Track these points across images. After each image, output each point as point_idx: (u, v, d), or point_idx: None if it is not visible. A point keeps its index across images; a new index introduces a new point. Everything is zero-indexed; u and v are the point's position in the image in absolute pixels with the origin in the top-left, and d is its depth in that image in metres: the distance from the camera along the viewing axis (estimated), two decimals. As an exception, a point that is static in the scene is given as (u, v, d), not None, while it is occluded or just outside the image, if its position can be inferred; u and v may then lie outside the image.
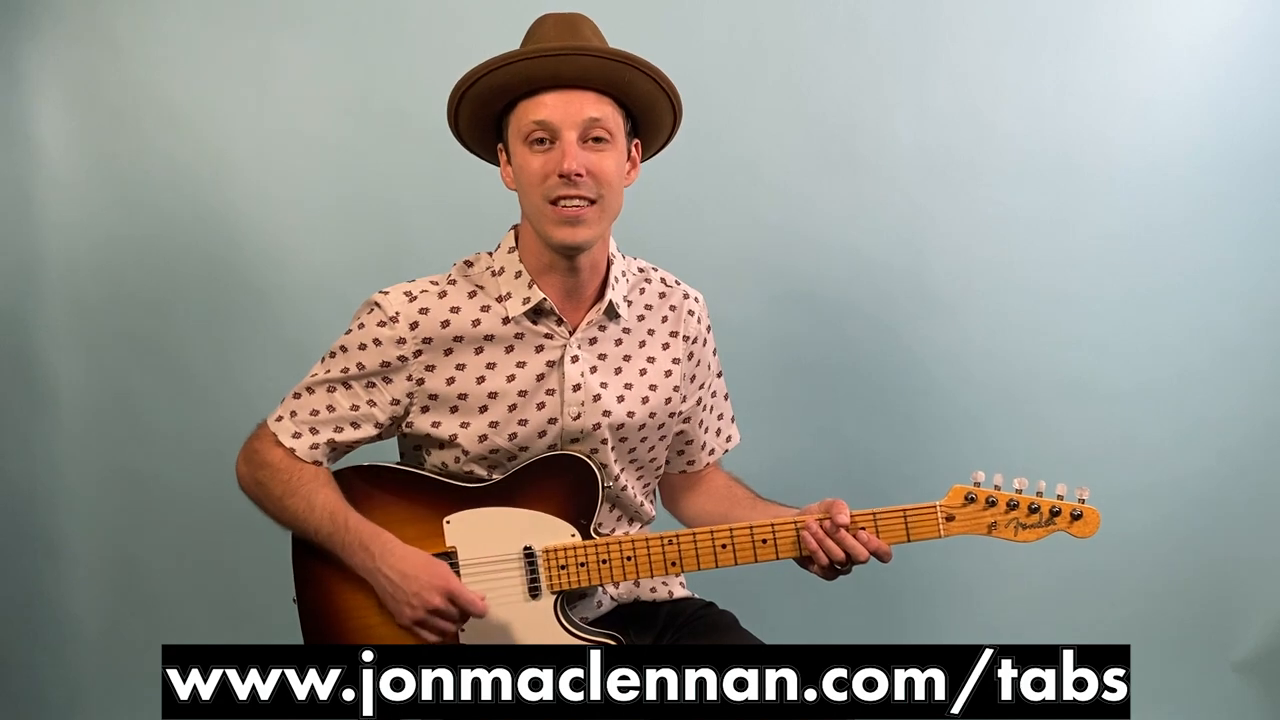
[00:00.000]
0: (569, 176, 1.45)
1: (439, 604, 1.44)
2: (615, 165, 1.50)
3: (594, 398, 1.57)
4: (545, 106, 1.48)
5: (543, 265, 1.55)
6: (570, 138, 1.47)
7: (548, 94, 1.48)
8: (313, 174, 2.41)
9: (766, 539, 1.52)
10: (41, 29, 2.37)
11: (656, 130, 1.60)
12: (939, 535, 1.53)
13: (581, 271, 1.56)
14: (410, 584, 1.45)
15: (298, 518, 1.51)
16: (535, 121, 1.48)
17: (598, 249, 1.56)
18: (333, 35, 2.39)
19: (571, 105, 1.47)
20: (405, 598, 1.45)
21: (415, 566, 1.46)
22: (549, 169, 1.47)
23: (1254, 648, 2.60)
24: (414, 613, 1.45)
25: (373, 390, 1.54)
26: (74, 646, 2.48)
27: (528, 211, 1.53)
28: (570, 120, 1.47)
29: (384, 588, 1.47)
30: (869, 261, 2.48)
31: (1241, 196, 2.49)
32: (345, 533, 1.48)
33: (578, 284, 1.57)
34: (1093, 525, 1.53)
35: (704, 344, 1.72)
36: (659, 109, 1.56)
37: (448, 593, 1.45)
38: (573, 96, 1.48)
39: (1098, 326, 2.50)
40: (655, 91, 1.53)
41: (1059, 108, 2.46)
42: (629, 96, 1.52)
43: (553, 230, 1.49)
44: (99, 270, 2.41)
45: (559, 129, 1.47)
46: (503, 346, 1.55)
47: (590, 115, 1.48)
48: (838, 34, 2.45)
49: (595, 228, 1.50)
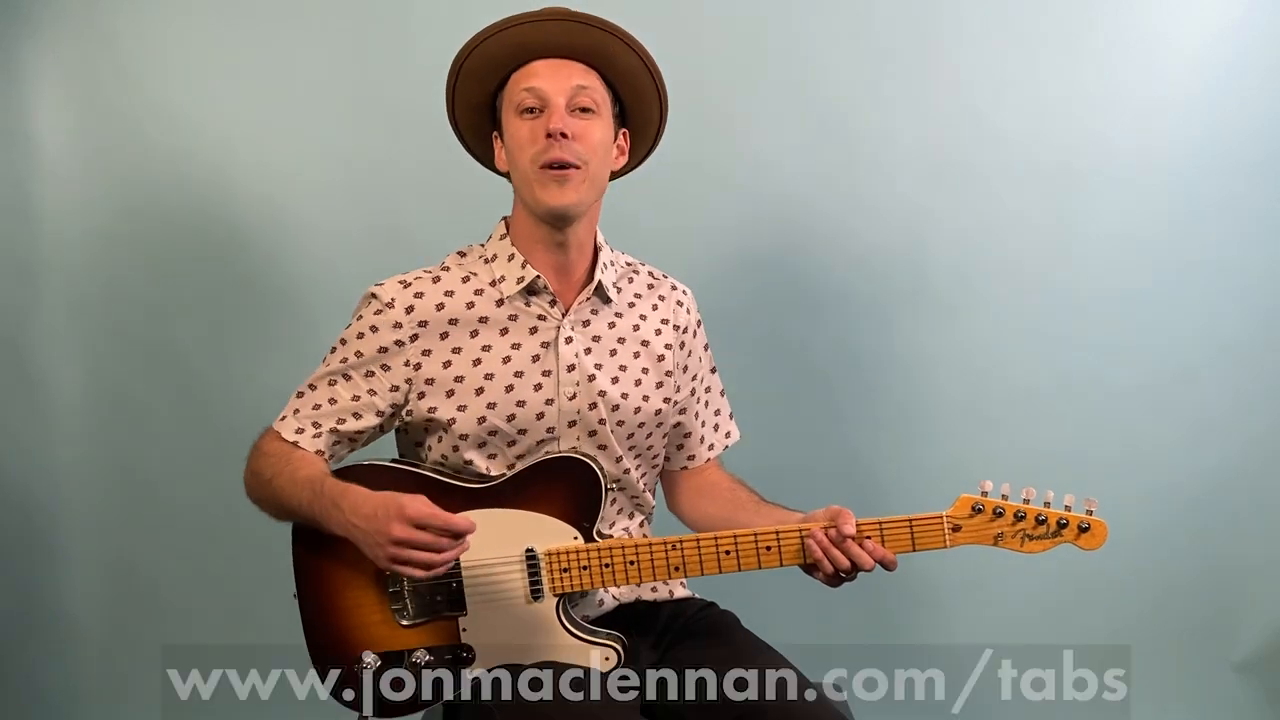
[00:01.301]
0: (555, 135, 1.51)
1: (398, 533, 1.37)
2: (601, 135, 1.56)
3: (589, 378, 1.59)
4: (534, 74, 1.55)
5: (534, 242, 1.59)
6: (559, 103, 1.53)
7: (537, 63, 1.56)
8: (313, 172, 2.41)
9: (771, 546, 1.52)
10: (41, 29, 2.37)
11: (644, 119, 1.65)
12: (945, 545, 1.53)
13: (570, 249, 1.59)
14: (373, 524, 1.40)
15: (284, 495, 1.51)
16: (526, 89, 1.55)
17: (584, 228, 1.60)
18: (333, 34, 2.39)
19: (560, 73, 1.55)
20: (373, 540, 1.40)
21: (373, 504, 1.41)
22: (538, 131, 1.53)
23: (1254, 648, 2.60)
24: (384, 551, 1.39)
25: (372, 379, 1.56)
26: (74, 646, 2.48)
27: (517, 182, 1.58)
28: (559, 87, 1.54)
29: (359, 540, 1.43)
30: (869, 261, 2.48)
31: (1241, 196, 2.49)
32: (321, 498, 1.46)
33: (568, 262, 1.60)
34: (1100, 538, 1.53)
35: (694, 335, 1.74)
36: (644, 91, 1.61)
37: (406, 516, 1.38)
38: (561, 65, 1.56)
39: (1098, 326, 2.50)
40: (639, 68, 1.59)
41: (1059, 108, 2.45)
42: (615, 74, 1.59)
43: (540, 192, 1.53)
44: (99, 270, 2.41)
45: (548, 95, 1.53)
46: (497, 329, 1.58)
47: (577, 83, 1.55)
48: (838, 34, 2.44)
49: (580, 191, 1.54)
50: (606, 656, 1.52)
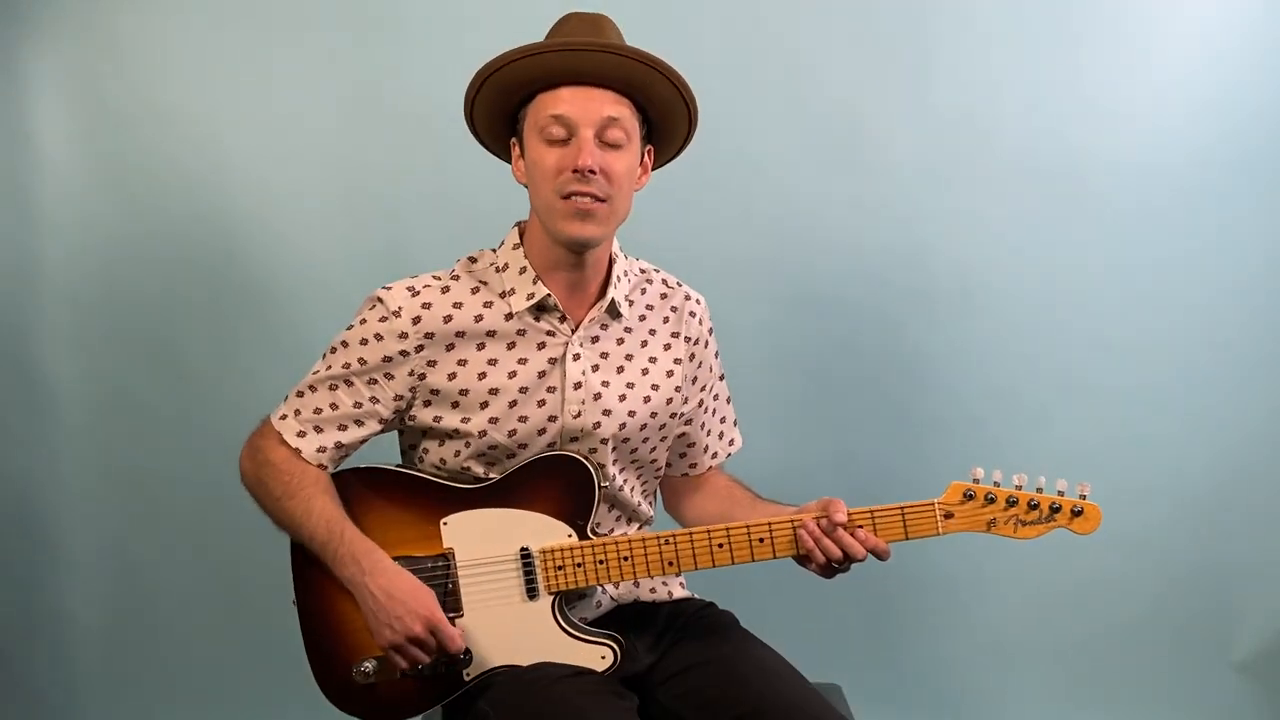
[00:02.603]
0: (583, 172, 1.45)
1: (419, 633, 1.43)
2: (627, 169, 1.51)
3: (595, 396, 1.57)
4: (564, 101, 1.48)
5: (548, 262, 1.55)
6: (587, 135, 1.47)
7: (567, 89, 1.48)
8: (313, 173, 2.41)
9: (763, 538, 1.52)
10: (41, 29, 2.37)
11: (670, 138, 1.61)
12: (937, 533, 1.52)
13: (586, 268, 1.56)
14: (396, 607, 1.43)
15: (294, 520, 1.50)
16: (553, 116, 1.48)
17: (601, 249, 1.57)
18: (333, 34, 2.39)
19: (591, 103, 1.48)
20: (388, 619, 1.43)
21: (402, 590, 1.44)
22: (564, 164, 1.47)
23: (1254, 648, 2.60)
24: (394, 636, 1.43)
25: (375, 387, 1.54)
26: (74, 646, 2.48)
27: (538, 206, 1.53)
28: (588, 118, 1.47)
29: (369, 605, 1.45)
30: (869, 261, 2.48)
31: (1242, 196, 2.48)
32: (340, 544, 1.47)
33: (582, 280, 1.57)
34: (1093, 521, 1.52)
35: (705, 345, 1.72)
36: (675, 117, 1.56)
37: (430, 623, 1.43)
38: (593, 94, 1.48)
39: (1098, 326, 2.50)
40: (674, 98, 1.53)
41: (1059, 108, 2.45)
42: (648, 100, 1.52)
43: (563, 224, 1.49)
44: (99, 270, 2.41)
45: (577, 125, 1.47)
46: (505, 343, 1.55)
47: (608, 114, 1.48)
48: (839, 35, 2.45)
49: (604, 226, 1.50)
50: (603, 656, 1.52)
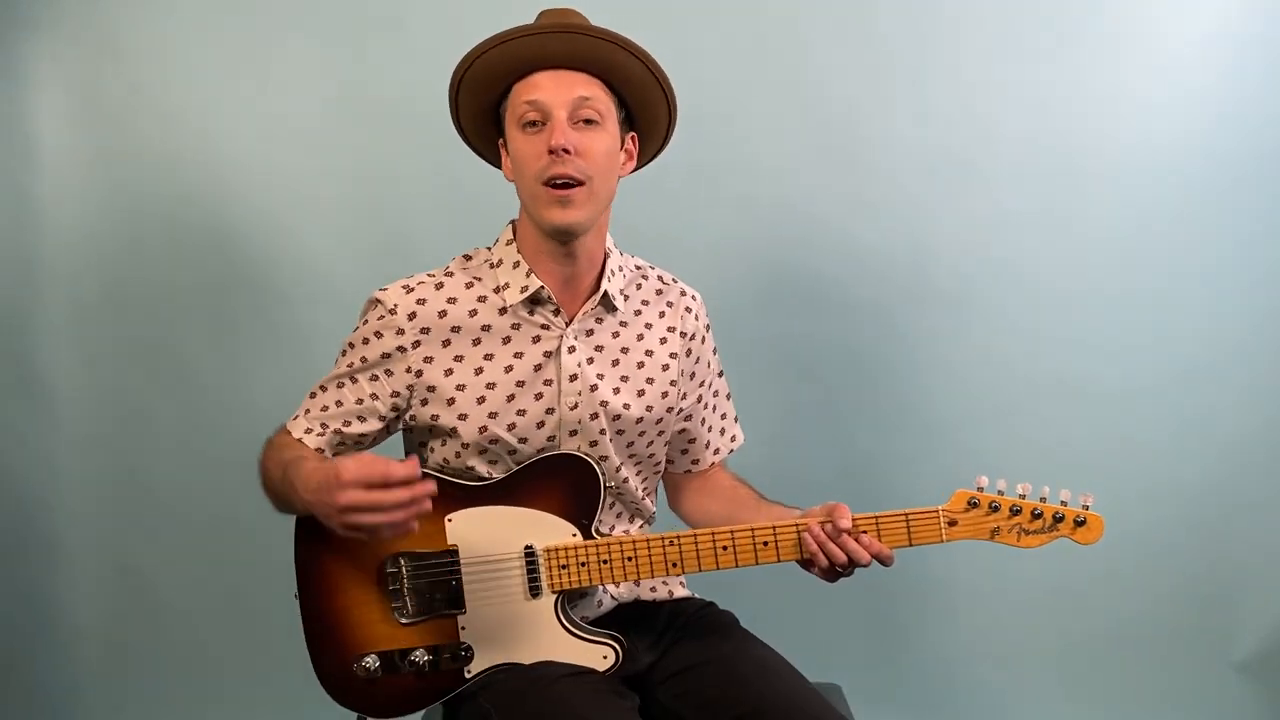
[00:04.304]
0: (557, 151, 1.48)
1: (342, 500, 1.33)
2: (605, 148, 1.53)
3: (591, 388, 1.58)
4: (536, 86, 1.52)
5: (540, 253, 1.57)
6: (560, 116, 1.50)
7: (539, 74, 1.52)
8: (313, 173, 2.41)
9: (768, 541, 1.52)
10: (41, 29, 2.37)
11: (652, 121, 1.62)
12: (941, 540, 1.53)
13: (578, 260, 1.57)
14: (320, 496, 1.37)
15: (270, 478, 1.51)
16: (527, 101, 1.51)
17: (593, 239, 1.58)
18: (332, 34, 2.39)
19: (562, 84, 1.51)
20: (325, 513, 1.38)
21: (317, 478, 1.38)
22: (540, 148, 1.50)
23: (1254, 648, 2.60)
24: (337, 521, 1.36)
25: (375, 384, 1.56)
26: (74, 646, 2.48)
27: (523, 197, 1.56)
28: (560, 99, 1.50)
29: (319, 516, 1.40)
30: (870, 261, 2.49)
31: (1241, 196, 2.49)
32: (286, 481, 1.45)
33: (574, 273, 1.58)
34: (1096, 532, 1.53)
35: (703, 341, 1.72)
36: (651, 96, 1.58)
37: (341, 484, 1.32)
38: (563, 76, 1.52)
39: (1098, 326, 2.51)
40: (645, 76, 1.55)
41: (1059, 107, 2.46)
42: (620, 80, 1.55)
43: (544, 211, 1.51)
44: (99, 270, 2.41)
45: (550, 108, 1.50)
46: (499, 338, 1.57)
47: (580, 94, 1.51)
48: (839, 34, 2.45)
49: (585, 209, 1.52)
50: (605, 656, 1.52)
